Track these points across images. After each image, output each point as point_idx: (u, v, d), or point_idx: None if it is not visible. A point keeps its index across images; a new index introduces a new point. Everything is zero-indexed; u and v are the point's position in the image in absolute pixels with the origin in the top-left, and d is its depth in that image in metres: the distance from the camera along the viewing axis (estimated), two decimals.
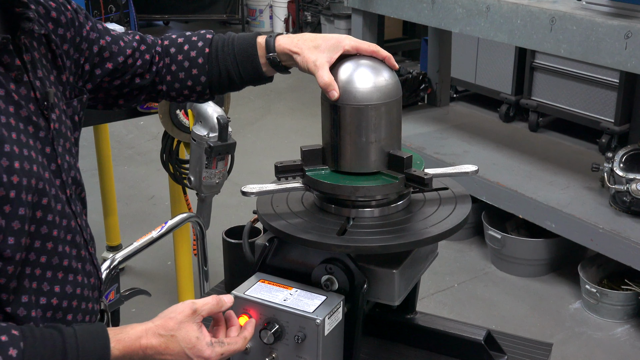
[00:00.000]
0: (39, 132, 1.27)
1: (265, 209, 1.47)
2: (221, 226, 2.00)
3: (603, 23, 2.89)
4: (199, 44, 1.57)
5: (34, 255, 1.24)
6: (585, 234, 3.28)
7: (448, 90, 4.90)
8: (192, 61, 1.55)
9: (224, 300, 1.30)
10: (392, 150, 1.42)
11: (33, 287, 1.25)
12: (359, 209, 1.43)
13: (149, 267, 3.79)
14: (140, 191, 4.72)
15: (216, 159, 2.41)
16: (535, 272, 3.72)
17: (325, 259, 1.39)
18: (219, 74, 1.55)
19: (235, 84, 1.57)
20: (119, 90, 1.54)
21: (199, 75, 1.55)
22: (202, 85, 1.56)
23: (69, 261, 1.30)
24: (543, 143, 4.37)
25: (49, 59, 1.36)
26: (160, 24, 9.06)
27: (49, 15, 1.37)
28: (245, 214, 1.56)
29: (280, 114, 6.09)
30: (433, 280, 3.67)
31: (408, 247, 1.38)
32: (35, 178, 1.21)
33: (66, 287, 1.30)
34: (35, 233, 1.23)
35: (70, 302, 1.31)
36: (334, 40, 1.42)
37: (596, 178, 3.59)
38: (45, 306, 1.26)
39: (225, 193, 2.82)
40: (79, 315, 1.34)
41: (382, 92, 1.38)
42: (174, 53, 1.57)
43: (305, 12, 7.79)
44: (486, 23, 3.35)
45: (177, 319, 1.24)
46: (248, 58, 1.52)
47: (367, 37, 4.15)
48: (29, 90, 1.27)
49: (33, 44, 1.32)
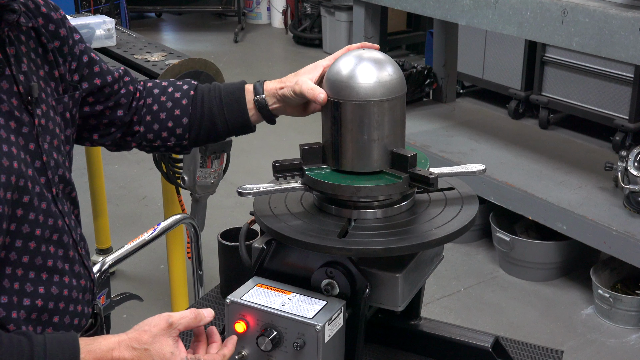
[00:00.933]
0: (22, 128, 1.28)
1: (263, 210, 1.47)
2: (216, 228, 2.00)
3: (617, 15, 2.89)
4: (184, 87, 1.60)
5: (15, 255, 1.25)
6: (598, 236, 3.29)
7: (454, 85, 4.90)
8: (176, 102, 1.58)
9: (203, 314, 1.30)
10: (396, 148, 1.42)
11: (15, 287, 1.25)
12: (360, 210, 1.43)
13: (141, 271, 3.79)
14: (132, 191, 4.72)
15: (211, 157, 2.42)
16: (546, 276, 3.72)
17: (326, 263, 1.40)
18: (202, 118, 1.57)
19: (217, 131, 1.59)
20: (98, 120, 1.54)
21: (181, 116, 1.57)
22: (182, 127, 1.57)
23: (54, 261, 1.31)
24: (554, 141, 4.38)
25: (39, 54, 1.37)
26: (152, 15, 9.07)
27: (39, 10, 1.38)
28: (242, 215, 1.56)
29: None
30: (438, 285, 3.68)
31: (412, 250, 1.38)
32: (15, 175, 1.21)
33: (51, 289, 1.30)
34: (16, 232, 1.24)
35: (57, 303, 1.31)
36: (311, 65, 1.51)
37: (609, 178, 3.59)
38: (29, 307, 1.27)
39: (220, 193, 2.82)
40: (67, 318, 1.34)
41: (386, 88, 1.38)
42: (158, 94, 1.59)
43: (305, 4, 7.79)
44: (494, 15, 3.35)
45: (152, 332, 1.24)
46: (235, 102, 1.56)
47: (369, 29, 4.15)
48: (12, 84, 1.28)
49: (20, 37, 1.33)
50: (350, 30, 6.73)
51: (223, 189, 2.75)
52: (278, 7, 8.49)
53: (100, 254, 3.77)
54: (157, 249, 3.01)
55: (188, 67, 2.43)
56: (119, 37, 3.07)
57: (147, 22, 8.93)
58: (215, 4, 8.44)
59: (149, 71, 2.71)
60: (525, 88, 5.31)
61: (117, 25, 3.21)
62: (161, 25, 9.01)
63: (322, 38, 7.54)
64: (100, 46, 2.95)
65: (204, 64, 2.47)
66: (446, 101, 4.77)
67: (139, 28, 7.95)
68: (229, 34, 8.21)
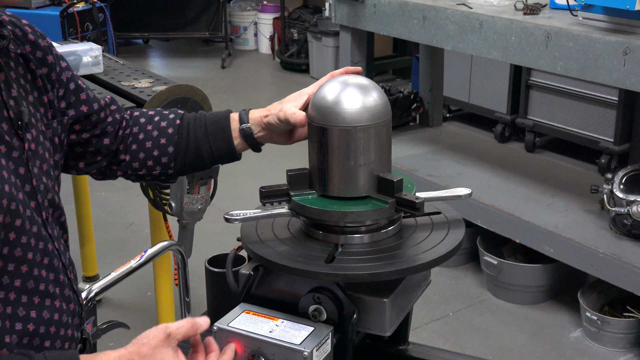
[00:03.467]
0: (12, 152, 1.28)
1: (250, 235, 1.47)
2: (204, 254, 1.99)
3: (600, 39, 2.93)
4: (170, 115, 1.61)
5: (8, 279, 1.24)
6: (585, 259, 3.30)
7: (441, 109, 4.92)
8: (162, 131, 1.59)
9: (199, 322, 1.31)
10: (382, 173, 1.43)
11: (7, 312, 1.25)
12: (347, 235, 1.43)
13: (128, 298, 3.77)
14: (119, 218, 4.71)
15: (198, 183, 2.41)
16: (534, 300, 3.72)
17: (313, 288, 1.39)
18: (187, 147, 1.58)
19: (203, 159, 1.60)
20: (84, 148, 1.55)
21: (167, 145, 1.58)
22: (168, 156, 1.58)
23: (46, 285, 1.30)
24: (540, 164, 4.40)
25: (28, 80, 1.38)
26: (139, 42, 9.09)
27: (26, 37, 1.40)
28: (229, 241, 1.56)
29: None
30: (427, 309, 3.67)
31: (399, 274, 1.38)
32: (7, 198, 1.22)
33: (43, 313, 1.30)
34: (8, 255, 1.24)
35: (48, 328, 1.31)
36: (296, 93, 1.54)
37: (595, 200, 3.61)
38: (21, 332, 1.26)
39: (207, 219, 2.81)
40: (58, 342, 1.34)
41: (371, 113, 1.39)
42: (144, 123, 1.60)
43: (292, 29, 7.84)
44: (479, 40, 3.38)
45: (151, 344, 1.25)
46: (221, 130, 1.58)
47: (356, 54, 4.18)
48: (2, 109, 1.29)
49: (9, 64, 1.34)
50: (337, 56, 6.77)
51: (210, 214, 2.74)
52: (265, 33, 8.53)
53: (87, 282, 3.74)
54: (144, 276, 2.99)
55: (175, 94, 2.43)
56: (106, 63, 3.08)
57: (134, 48, 8.95)
58: (202, 30, 8.47)
59: (136, 98, 2.71)
60: (511, 112, 5.34)
61: (104, 52, 3.21)
62: (148, 51, 9.03)
63: (309, 63, 7.57)
64: (88, 73, 2.95)
65: (191, 90, 2.47)
66: (433, 125, 4.79)
67: (127, 55, 7.96)
68: (216, 60, 8.23)
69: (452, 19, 3.48)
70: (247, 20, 8.71)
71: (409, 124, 4.81)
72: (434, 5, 3.59)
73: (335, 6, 4.08)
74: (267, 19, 8.48)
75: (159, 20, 8.40)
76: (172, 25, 8.45)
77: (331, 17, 4.15)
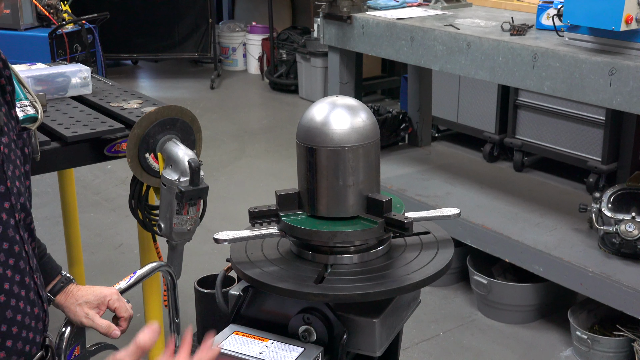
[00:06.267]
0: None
1: (239, 256, 1.47)
2: (193, 275, 1.99)
3: (587, 59, 2.96)
4: None
5: None
6: (574, 277, 3.31)
7: (429, 129, 4.95)
8: None
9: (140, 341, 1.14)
10: (371, 193, 1.43)
11: None
12: (337, 255, 1.44)
13: None
14: (108, 239, 4.69)
15: (187, 204, 2.41)
16: (524, 319, 3.73)
17: (303, 309, 1.39)
18: None
19: None
20: None
21: None
22: None
23: (10, 285, 1.33)
24: (529, 183, 4.42)
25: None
26: (128, 63, 9.11)
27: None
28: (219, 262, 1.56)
29: (254, 156, 6.10)
30: (417, 329, 3.67)
31: (389, 294, 1.38)
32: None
33: (6, 312, 1.33)
34: None
35: (10, 327, 1.34)
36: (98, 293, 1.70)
37: (584, 219, 3.63)
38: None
39: (197, 240, 2.81)
40: (19, 343, 1.36)
41: (360, 134, 1.40)
42: None
43: (280, 50, 7.87)
44: (467, 60, 3.41)
45: None
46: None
47: (344, 75, 4.20)
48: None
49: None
50: (325, 76, 6.81)
51: (200, 235, 2.74)
52: (254, 53, 8.57)
53: None
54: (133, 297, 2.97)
55: (164, 115, 2.44)
56: (95, 85, 3.08)
57: (123, 69, 8.96)
58: (191, 51, 8.50)
59: (125, 119, 2.71)
60: (500, 131, 5.37)
61: (93, 73, 3.22)
62: (137, 72, 9.05)
63: (298, 84, 7.61)
64: (76, 94, 2.95)
65: (180, 111, 2.48)
66: (422, 145, 4.81)
67: (115, 75, 7.97)
68: (205, 80, 8.25)
69: (440, 39, 3.51)
70: (236, 41, 8.74)
71: (398, 144, 4.83)
72: (421, 26, 3.62)
73: (323, 27, 4.11)
74: (256, 40, 8.51)
75: (148, 41, 8.42)
76: (161, 46, 8.48)
77: (320, 38, 4.18)
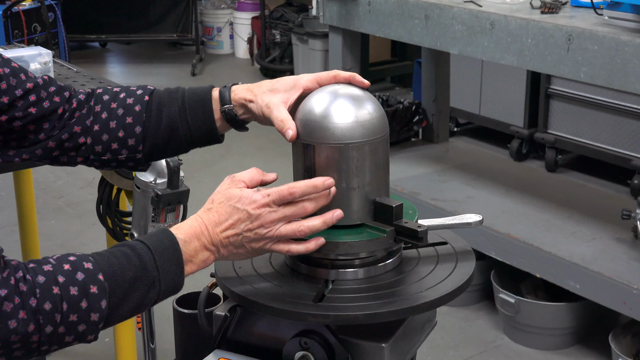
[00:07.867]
0: None
1: (226, 271, 1.48)
2: None
3: (630, 41, 2.96)
4: (137, 92, 1.62)
5: None
6: (616, 296, 3.31)
7: (447, 123, 4.95)
8: (128, 108, 1.60)
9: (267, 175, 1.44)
10: (379, 197, 1.44)
11: None
12: (339, 269, 1.44)
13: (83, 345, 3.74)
14: (72, 250, 4.68)
15: (165, 210, 2.41)
16: (558, 344, 3.73)
17: (300, 332, 1.40)
18: (158, 126, 1.59)
19: (178, 140, 1.61)
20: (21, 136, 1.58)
21: (134, 124, 1.59)
22: (135, 138, 1.59)
23: None
24: (563, 186, 4.42)
25: None
26: (96, 45, 9.11)
27: None
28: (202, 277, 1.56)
29: (243, 154, 6.11)
30: (433, 356, 3.67)
31: (399, 315, 1.38)
32: None
33: None
34: None
35: None
36: (290, 81, 1.52)
37: (628, 227, 3.63)
38: None
39: None
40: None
41: (366, 128, 1.40)
42: (107, 100, 1.62)
43: (273, 30, 7.88)
44: (490, 42, 3.41)
45: (218, 191, 1.42)
46: (200, 104, 1.59)
47: (348, 59, 4.20)
48: None
49: None
50: (326, 61, 6.80)
51: None
52: (242, 34, 8.57)
53: None
54: None
55: None
56: (57, 71, 3.09)
57: (90, 52, 8.97)
58: (169, 31, 8.50)
59: None
60: (529, 125, 5.37)
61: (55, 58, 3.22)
62: (106, 56, 9.06)
63: (294, 70, 7.61)
64: None
65: None
66: (438, 141, 4.81)
67: (81, 60, 7.98)
68: (185, 65, 8.26)
69: (459, 18, 3.51)
70: (221, 20, 8.75)
71: (411, 140, 4.83)
72: (437, 2, 3.62)
73: (323, 4, 4.11)
74: (244, 19, 8.52)
75: (118, 20, 8.42)
76: (134, 26, 8.48)
77: (319, 16, 4.18)
